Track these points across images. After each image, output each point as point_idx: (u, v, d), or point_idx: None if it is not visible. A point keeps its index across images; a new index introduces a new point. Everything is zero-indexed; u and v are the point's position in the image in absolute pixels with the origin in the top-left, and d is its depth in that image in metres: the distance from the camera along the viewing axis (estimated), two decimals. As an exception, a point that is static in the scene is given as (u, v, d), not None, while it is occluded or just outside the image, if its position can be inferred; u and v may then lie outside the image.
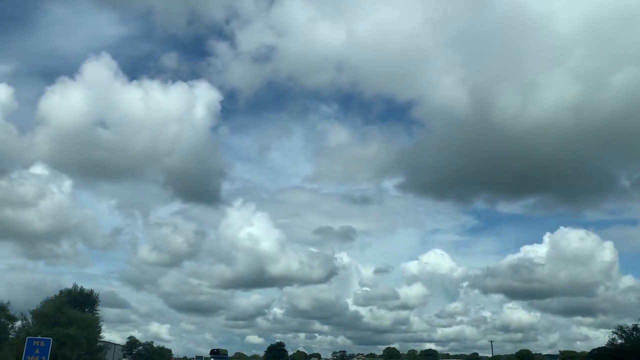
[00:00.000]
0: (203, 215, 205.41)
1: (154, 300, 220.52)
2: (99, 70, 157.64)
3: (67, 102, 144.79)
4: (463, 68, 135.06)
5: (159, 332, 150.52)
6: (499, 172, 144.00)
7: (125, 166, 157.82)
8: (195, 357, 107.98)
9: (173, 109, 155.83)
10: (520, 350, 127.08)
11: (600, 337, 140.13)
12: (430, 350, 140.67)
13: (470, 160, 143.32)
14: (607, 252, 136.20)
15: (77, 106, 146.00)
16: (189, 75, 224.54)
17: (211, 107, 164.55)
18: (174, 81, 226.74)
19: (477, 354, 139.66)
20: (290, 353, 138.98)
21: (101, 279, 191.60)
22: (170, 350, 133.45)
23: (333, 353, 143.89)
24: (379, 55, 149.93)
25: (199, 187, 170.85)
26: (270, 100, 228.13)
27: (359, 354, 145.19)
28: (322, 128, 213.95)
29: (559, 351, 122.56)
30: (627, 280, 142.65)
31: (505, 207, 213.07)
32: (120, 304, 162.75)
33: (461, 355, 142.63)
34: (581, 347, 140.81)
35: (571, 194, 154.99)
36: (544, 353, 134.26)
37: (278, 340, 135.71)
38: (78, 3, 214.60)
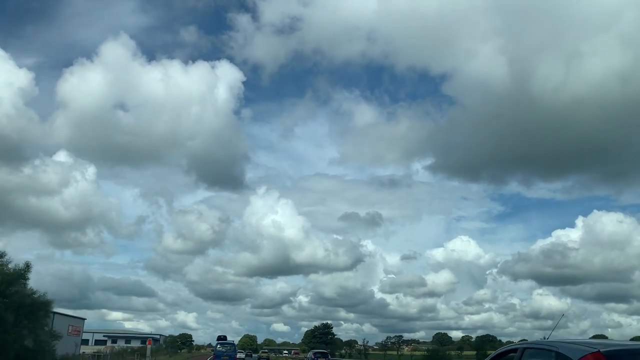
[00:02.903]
0: (227, 202, 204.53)
1: (180, 289, 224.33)
2: (117, 51, 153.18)
3: (85, 85, 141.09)
4: (502, 35, 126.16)
5: (186, 320, 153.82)
6: (536, 151, 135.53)
7: (147, 150, 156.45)
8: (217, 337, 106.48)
9: (194, 89, 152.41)
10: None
11: (633, 324, 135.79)
12: (488, 336, 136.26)
13: (505, 138, 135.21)
14: None
15: (96, 89, 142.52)
16: (210, 50, 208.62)
17: (233, 88, 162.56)
18: (194, 60, 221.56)
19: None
20: None
21: (127, 268, 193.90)
22: (191, 336, 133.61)
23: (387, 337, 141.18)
24: (413, 22, 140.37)
25: (223, 172, 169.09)
26: (295, 76, 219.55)
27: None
28: (347, 108, 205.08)
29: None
30: None
31: (540, 189, 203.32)
32: (147, 293, 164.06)
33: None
34: (612, 334, 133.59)
35: (613, 173, 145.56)
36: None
37: (325, 322, 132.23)
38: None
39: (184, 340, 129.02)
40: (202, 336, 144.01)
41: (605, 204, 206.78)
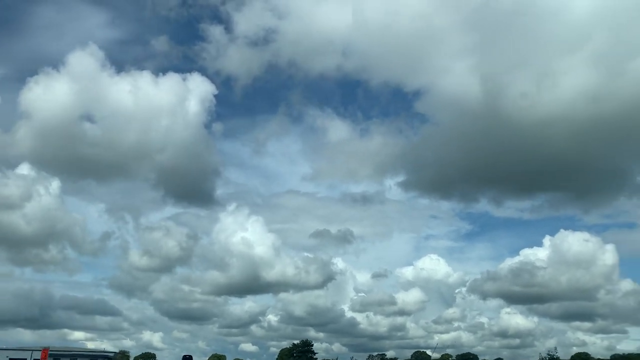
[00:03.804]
0: (195, 218, 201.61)
1: (145, 308, 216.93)
2: (85, 61, 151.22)
3: (51, 95, 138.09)
4: (475, 53, 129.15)
5: (152, 340, 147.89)
6: (507, 169, 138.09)
7: (114, 164, 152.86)
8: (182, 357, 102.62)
9: (165, 101, 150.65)
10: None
11: (597, 343, 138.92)
12: (469, 354, 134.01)
13: (476, 156, 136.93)
14: (608, 256, 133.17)
15: (61, 99, 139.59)
16: (181, 61, 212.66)
17: (205, 100, 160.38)
18: (165, 72, 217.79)
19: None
20: None
21: (91, 286, 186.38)
22: (154, 356, 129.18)
23: (370, 356, 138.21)
24: (387, 38, 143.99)
25: (192, 187, 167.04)
26: (268, 90, 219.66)
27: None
28: (321, 124, 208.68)
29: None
30: (627, 285, 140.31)
31: (508, 208, 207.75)
32: (112, 312, 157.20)
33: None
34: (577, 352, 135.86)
35: (581, 193, 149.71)
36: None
37: (305, 339, 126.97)
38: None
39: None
40: (168, 357, 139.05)
41: (572, 223, 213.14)
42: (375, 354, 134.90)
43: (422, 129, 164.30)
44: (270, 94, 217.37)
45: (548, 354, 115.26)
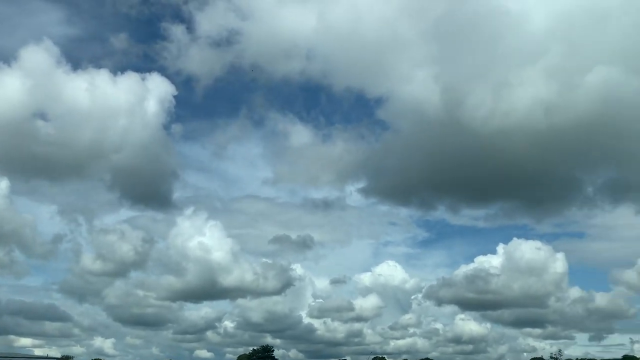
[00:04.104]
0: (151, 222, 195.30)
1: (97, 313, 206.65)
2: (39, 57, 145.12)
3: (1, 91, 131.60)
4: (437, 63, 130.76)
5: (103, 346, 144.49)
6: (465, 178, 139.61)
7: (68, 163, 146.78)
8: None
9: (122, 101, 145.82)
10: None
11: (547, 348, 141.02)
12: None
13: (436, 164, 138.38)
14: (558, 264, 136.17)
15: (13, 95, 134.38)
16: (141, 60, 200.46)
17: (164, 101, 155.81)
18: (123, 71, 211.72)
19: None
20: None
21: (40, 290, 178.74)
22: None
23: None
24: (351, 43, 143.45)
25: (149, 190, 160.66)
26: (230, 92, 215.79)
27: None
28: (283, 128, 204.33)
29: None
30: (575, 292, 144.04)
31: (464, 216, 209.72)
32: (61, 318, 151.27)
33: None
34: (527, 358, 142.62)
35: (534, 202, 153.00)
36: None
37: (265, 345, 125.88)
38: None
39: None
40: None
41: (525, 232, 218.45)
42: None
43: (384, 136, 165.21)
44: (231, 97, 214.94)
45: None
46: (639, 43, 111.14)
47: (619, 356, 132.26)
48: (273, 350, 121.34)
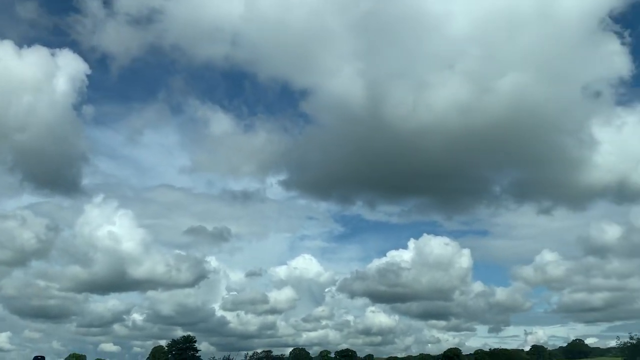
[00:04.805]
0: (57, 209, 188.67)
1: None
2: None
3: None
4: (363, 59, 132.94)
5: None
6: (384, 174, 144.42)
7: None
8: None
9: (28, 76, 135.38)
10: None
11: (450, 340, 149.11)
12: (348, 350, 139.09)
13: (357, 160, 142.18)
14: (464, 260, 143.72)
15: None
16: (51, 33, 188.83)
17: (76, 80, 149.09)
18: (30, 44, 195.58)
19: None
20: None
21: None
22: None
23: (254, 353, 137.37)
24: (279, 32, 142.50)
25: (55, 174, 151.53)
26: (148, 74, 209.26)
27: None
28: (203, 115, 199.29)
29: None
30: (478, 287, 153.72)
31: (379, 212, 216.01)
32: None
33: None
34: (432, 349, 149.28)
35: (447, 199, 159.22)
36: (400, 356, 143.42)
37: (185, 335, 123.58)
38: None
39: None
40: (17, 358, 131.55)
41: (435, 228, 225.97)
42: (260, 350, 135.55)
43: (307, 129, 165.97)
44: (149, 79, 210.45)
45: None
46: (549, 53, 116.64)
47: (515, 347, 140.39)
48: (195, 341, 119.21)
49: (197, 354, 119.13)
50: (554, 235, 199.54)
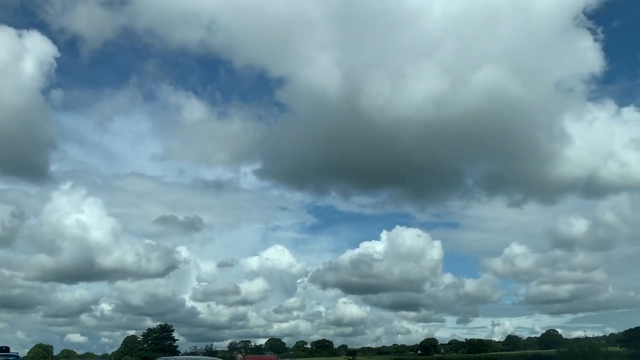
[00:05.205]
0: (22, 196, 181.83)
1: None
2: None
3: None
4: (340, 47, 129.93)
5: None
6: (359, 165, 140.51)
7: None
8: None
9: None
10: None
11: (419, 331, 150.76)
12: (324, 340, 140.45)
13: (332, 150, 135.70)
14: (435, 251, 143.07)
15: None
16: (18, 11, 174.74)
17: (44, 63, 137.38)
18: None
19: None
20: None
21: None
22: None
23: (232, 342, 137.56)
24: (255, 19, 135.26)
25: (21, 160, 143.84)
26: (120, 58, 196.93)
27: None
28: (176, 101, 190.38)
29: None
30: (448, 278, 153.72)
31: (352, 203, 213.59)
32: None
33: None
34: (401, 340, 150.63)
35: (420, 191, 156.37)
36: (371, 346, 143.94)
37: (161, 324, 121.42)
38: None
39: None
40: None
41: (407, 220, 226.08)
42: (239, 340, 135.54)
43: (282, 118, 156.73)
44: (121, 63, 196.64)
45: None
46: (525, 45, 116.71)
47: (482, 337, 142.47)
48: (173, 330, 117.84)
49: (174, 344, 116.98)
50: (524, 228, 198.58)
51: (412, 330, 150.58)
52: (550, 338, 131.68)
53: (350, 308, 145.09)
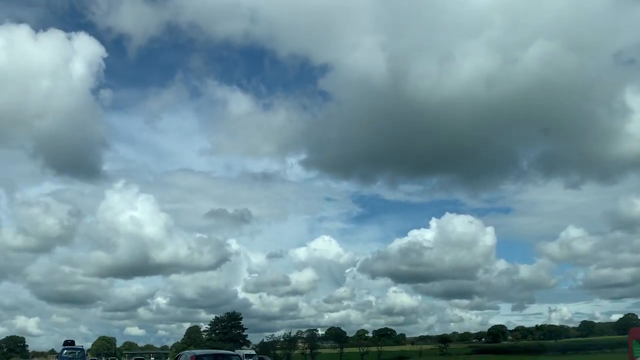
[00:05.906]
0: (79, 195, 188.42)
1: (20, 292, 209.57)
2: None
3: None
4: (383, 32, 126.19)
5: (26, 326, 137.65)
6: (407, 151, 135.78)
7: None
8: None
9: (46, 61, 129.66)
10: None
11: (473, 319, 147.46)
12: (387, 329, 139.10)
13: (378, 137, 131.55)
14: (487, 238, 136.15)
15: None
16: (67, 14, 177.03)
17: (93, 64, 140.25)
18: (46, 27, 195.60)
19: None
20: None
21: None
22: (23, 339, 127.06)
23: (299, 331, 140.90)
24: (297, 6, 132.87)
25: (76, 159, 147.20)
26: (166, 54, 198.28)
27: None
28: (221, 96, 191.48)
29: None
30: (501, 265, 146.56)
31: (399, 191, 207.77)
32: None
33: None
34: (454, 328, 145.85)
35: (471, 175, 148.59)
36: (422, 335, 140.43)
37: (232, 311, 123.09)
38: None
39: (13, 346, 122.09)
40: (46, 343, 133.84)
41: (457, 207, 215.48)
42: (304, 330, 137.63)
43: (326, 106, 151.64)
44: (166, 60, 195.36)
45: None
46: (577, 19, 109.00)
47: (539, 324, 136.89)
48: (242, 318, 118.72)
49: (243, 332, 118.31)
50: (581, 211, 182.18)
51: (465, 318, 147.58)
52: (628, 323, 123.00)
53: (401, 297, 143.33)
